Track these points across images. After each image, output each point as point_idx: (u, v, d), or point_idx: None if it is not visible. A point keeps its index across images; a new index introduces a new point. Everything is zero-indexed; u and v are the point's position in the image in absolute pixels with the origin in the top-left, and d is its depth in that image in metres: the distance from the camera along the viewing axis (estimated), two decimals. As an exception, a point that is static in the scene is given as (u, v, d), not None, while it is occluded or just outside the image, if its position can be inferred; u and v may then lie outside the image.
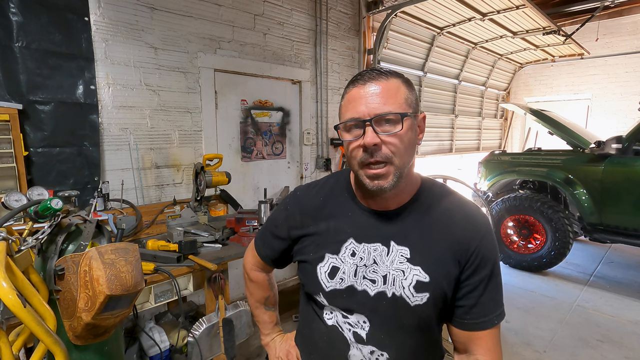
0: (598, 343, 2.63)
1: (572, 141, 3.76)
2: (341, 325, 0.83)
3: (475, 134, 6.51)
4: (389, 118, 0.71)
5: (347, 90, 0.76)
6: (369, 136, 0.70)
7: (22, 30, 1.90)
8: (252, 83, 3.09)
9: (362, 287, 0.79)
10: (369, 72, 0.74)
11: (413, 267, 0.77)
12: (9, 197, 1.08)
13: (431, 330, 0.82)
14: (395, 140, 0.71)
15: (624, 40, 5.73)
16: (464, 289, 0.78)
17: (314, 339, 0.90)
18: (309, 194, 0.92)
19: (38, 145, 1.99)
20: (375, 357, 0.81)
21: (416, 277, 0.76)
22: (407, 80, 0.77)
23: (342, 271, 0.81)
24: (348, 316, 0.82)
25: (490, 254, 0.78)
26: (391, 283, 0.77)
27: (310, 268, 0.85)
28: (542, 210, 3.77)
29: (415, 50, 4.73)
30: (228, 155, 2.92)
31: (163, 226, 2.29)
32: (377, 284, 0.79)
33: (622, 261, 4.25)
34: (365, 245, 0.81)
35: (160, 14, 2.43)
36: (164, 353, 1.92)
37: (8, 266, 0.85)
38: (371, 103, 0.71)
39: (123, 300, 1.11)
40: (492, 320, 0.79)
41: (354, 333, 0.82)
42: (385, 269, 0.78)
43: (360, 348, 0.81)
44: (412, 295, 0.76)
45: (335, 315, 0.84)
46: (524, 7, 3.90)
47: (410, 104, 0.74)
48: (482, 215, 0.81)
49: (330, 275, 0.82)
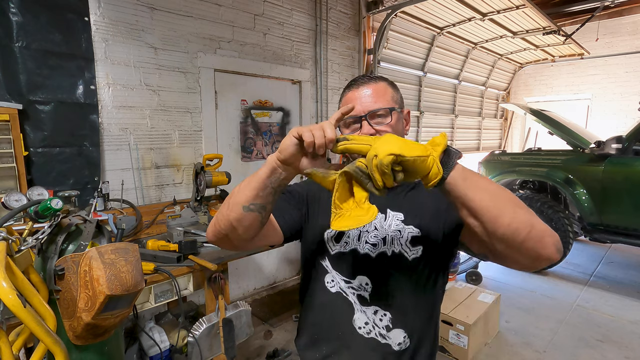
0: (598, 343, 2.63)
1: (572, 141, 3.76)
2: (345, 291, 0.90)
3: (475, 134, 6.51)
4: (380, 113, 0.87)
5: (344, 93, 0.93)
6: (365, 128, 0.85)
7: (22, 30, 1.90)
8: (252, 83, 3.09)
9: (365, 250, 0.90)
10: (360, 78, 0.92)
11: (407, 227, 0.90)
12: (9, 197, 1.08)
13: (430, 291, 0.91)
14: (386, 129, 0.86)
15: (624, 40, 5.73)
16: (451, 217, 0.86)
17: (319, 309, 0.95)
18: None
19: (38, 145, 1.99)
20: (379, 317, 0.88)
21: (410, 234, 0.89)
22: (392, 82, 0.94)
23: (347, 235, 0.92)
24: (350, 281, 0.90)
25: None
26: (390, 242, 0.89)
27: (318, 233, 0.94)
28: (542, 210, 3.77)
29: (415, 50, 4.73)
30: (228, 155, 2.92)
31: (163, 226, 2.29)
32: (377, 247, 0.89)
33: (622, 261, 4.25)
34: None
35: (160, 14, 2.43)
36: (164, 353, 1.92)
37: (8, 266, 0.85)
38: (364, 102, 0.87)
39: (123, 300, 1.11)
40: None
41: (358, 296, 0.89)
42: (384, 232, 0.90)
43: (364, 310, 0.88)
44: (409, 250, 0.88)
45: (337, 282, 0.91)
46: (524, 7, 3.90)
47: (396, 101, 0.91)
48: None
49: (336, 239, 0.92)
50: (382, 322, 0.87)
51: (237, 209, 0.74)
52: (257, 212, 0.75)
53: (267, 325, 2.87)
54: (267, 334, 2.73)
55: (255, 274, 3.37)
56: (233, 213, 0.75)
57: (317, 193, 0.98)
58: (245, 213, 0.74)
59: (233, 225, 0.75)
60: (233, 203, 0.75)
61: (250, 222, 0.75)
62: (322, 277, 0.93)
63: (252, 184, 0.73)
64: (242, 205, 0.74)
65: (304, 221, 0.97)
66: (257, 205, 0.74)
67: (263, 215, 0.76)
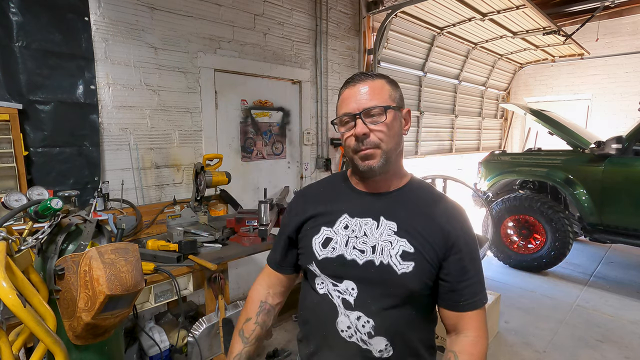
0: (598, 343, 2.63)
1: (572, 141, 3.76)
2: (331, 293, 0.90)
3: (475, 134, 6.51)
4: (375, 111, 0.85)
5: (341, 91, 0.92)
6: (359, 127, 0.85)
7: (22, 30, 1.90)
8: (252, 83, 3.09)
9: (352, 256, 0.88)
10: (358, 75, 0.91)
11: (400, 239, 0.86)
12: (9, 197, 1.08)
13: (418, 306, 0.89)
14: (381, 128, 0.85)
15: (624, 40, 5.73)
16: (453, 271, 0.86)
17: (309, 309, 0.97)
18: (311, 187, 1.08)
19: (38, 145, 1.99)
20: (362, 323, 0.86)
21: (402, 248, 0.86)
22: (392, 80, 0.92)
23: (335, 241, 0.91)
24: (337, 284, 0.89)
25: (472, 241, 0.89)
26: (379, 252, 0.86)
27: (306, 241, 0.95)
28: (542, 211, 3.77)
29: (416, 50, 4.73)
30: (228, 155, 2.92)
31: (163, 226, 2.29)
32: (365, 254, 0.87)
33: (622, 261, 4.25)
34: (357, 220, 0.91)
35: (161, 14, 2.43)
36: (164, 353, 1.92)
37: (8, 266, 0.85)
38: (360, 100, 0.86)
39: (123, 300, 1.11)
40: (481, 300, 0.88)
41: (342, 300, 0.88)
42: (375, 240, 0.88)
43: (347, 314, 0.87)
44: (398, 264, 0.85)
45: (326, 285, 0.91)
46: (524, 7, 3.90)
47: (394, 99, 0.88)
48: (462, 208, 0.94)
49: (324, 245, 0.91)
50: (365, 328, 0.85)
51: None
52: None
53: (267, 325, 2.86)
54: (267, 334, 2.72)
55: (255, 274, 3.34)
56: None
57: (303, 207, 1.00)
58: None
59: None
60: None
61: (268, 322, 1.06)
62: (312, 279, 0.95)
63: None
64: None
65: (297, 238, 1.01)
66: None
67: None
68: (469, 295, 0.86)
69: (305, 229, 0.97)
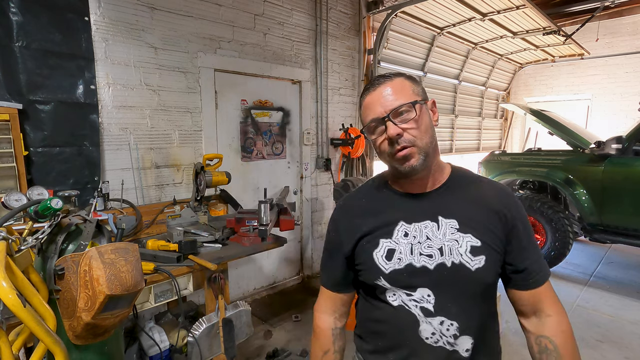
0: (598, 343, 2.63)
1: (572, 141, 3.76)
2: (407, 304, 0.87)
3: (475, 134, 6.51)
4: (403, 109, 0.82)
5: (362, 99, 0.89)
6: (391, 129, 0.82)
7: (22, 30, 1.90)
8: (252, 83, 3.09)
9: (421, 263, 0.85)
10: (376, 79, 0.88)
11: (464, 235, 0.84)
12: (9, 197, 1.08)
13: (492, 299, 0.90)
14: (412, 125, 0.82)
15: (624, 40, 5.73)
16: (515, 252, 0.86)
17: (382, 322, 0.92)
18: (352, 198, 1.02)
19: (38, 145, 2.00)
20: (446, 327, 0.84)
21: (469, 243, 0.84)
22: (410, 76, 0.90)
23: (399, 251, 0.87)
24: (412, 293, 0.86)
25: (525, 218, 0.89)
26: (448, 253, 0.84)
27: (365, 256, 0.90)
28: (542, 211, 3.77)
29: (415, 50, 4.73)
30: (228, 155, 2.92)
31: (163, 226, 2.29)
32: (434, 258, 0.84)
33: (622, 261, 4.25)
34: (415, 225, 0.88)
35: (161, 14, 2.43)
36: (164, 353, 1.92)
37: (8, 266, 0.85)
38: (385, 102, 0.83)
39: (123, 300, 1.11)
40: (547, 272, 0.89)
41: (421, 308, 0.85)
42: (440, 242, 0.85)
43: (429, 321, 0.85)
44: (470, 260, 0.83)
45: (399, 296, 0.87)
46: (524, 7, 3.90)
47: (418, 93, 0.86)
48: (509, 189, 0.93)
49: (388, 257, 0.87)
50: (449, 331, 0.84)
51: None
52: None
53: (267, 325, 2.87)
54: (267, 333, 2.73)
55: (255, 274, 3.37)
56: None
57: (353, 222, 0.95)
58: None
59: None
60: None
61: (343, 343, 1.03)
62: (381, 293, 0.90)
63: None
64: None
65: (353, 255, 0.95)
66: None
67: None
68: (536, 270, 0.87)
69: (362, 244, 0.92)
